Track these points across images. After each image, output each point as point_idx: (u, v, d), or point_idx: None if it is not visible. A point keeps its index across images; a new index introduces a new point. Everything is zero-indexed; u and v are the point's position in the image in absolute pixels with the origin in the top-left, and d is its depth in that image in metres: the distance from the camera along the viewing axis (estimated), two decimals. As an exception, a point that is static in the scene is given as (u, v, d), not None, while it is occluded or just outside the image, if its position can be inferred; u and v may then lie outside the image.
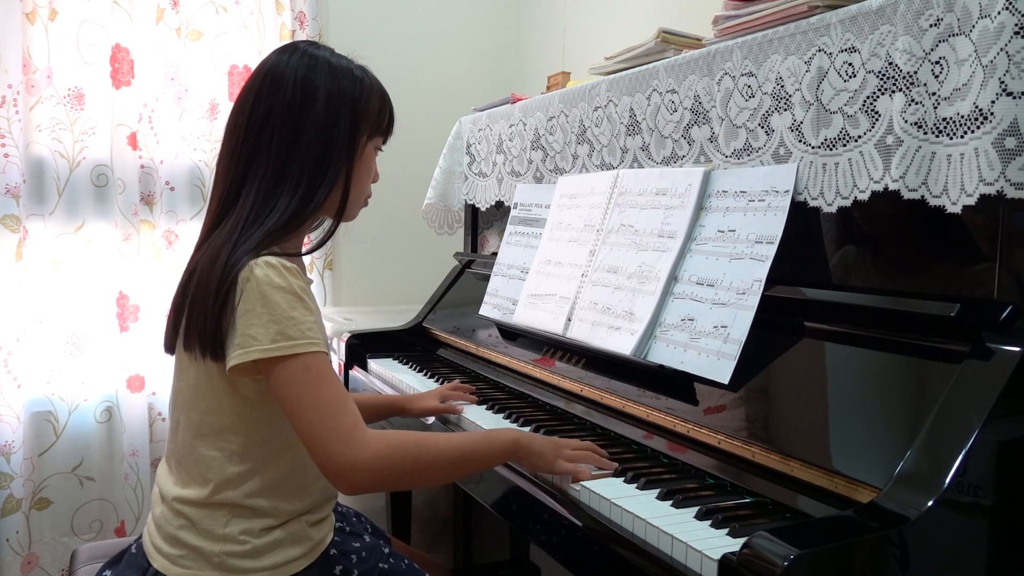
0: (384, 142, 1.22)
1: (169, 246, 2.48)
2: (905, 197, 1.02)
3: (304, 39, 1.20)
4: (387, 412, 1.54)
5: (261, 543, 1.08)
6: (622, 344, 1.33)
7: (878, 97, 1.06)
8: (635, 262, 1.39)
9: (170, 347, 1.15)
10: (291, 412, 1.02)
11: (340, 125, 1.11)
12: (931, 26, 0.98)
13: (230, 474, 1.07)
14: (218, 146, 1.35)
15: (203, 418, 1.09)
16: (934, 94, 0.98)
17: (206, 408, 1.08)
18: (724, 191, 1.28)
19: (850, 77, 1.10)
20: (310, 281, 1.12)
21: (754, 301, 1.15)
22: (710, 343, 1.19)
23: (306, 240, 1.21)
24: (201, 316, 1.04)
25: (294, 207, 1.09)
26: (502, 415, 1.46)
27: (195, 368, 1.08)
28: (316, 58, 1.13)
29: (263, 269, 1.02)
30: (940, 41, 0.97)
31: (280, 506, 1.10)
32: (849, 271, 1.18)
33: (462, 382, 1.71)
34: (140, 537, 1.16)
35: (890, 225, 1.13)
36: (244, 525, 1.07)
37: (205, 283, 1.04)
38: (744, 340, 1.14)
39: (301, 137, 1.09)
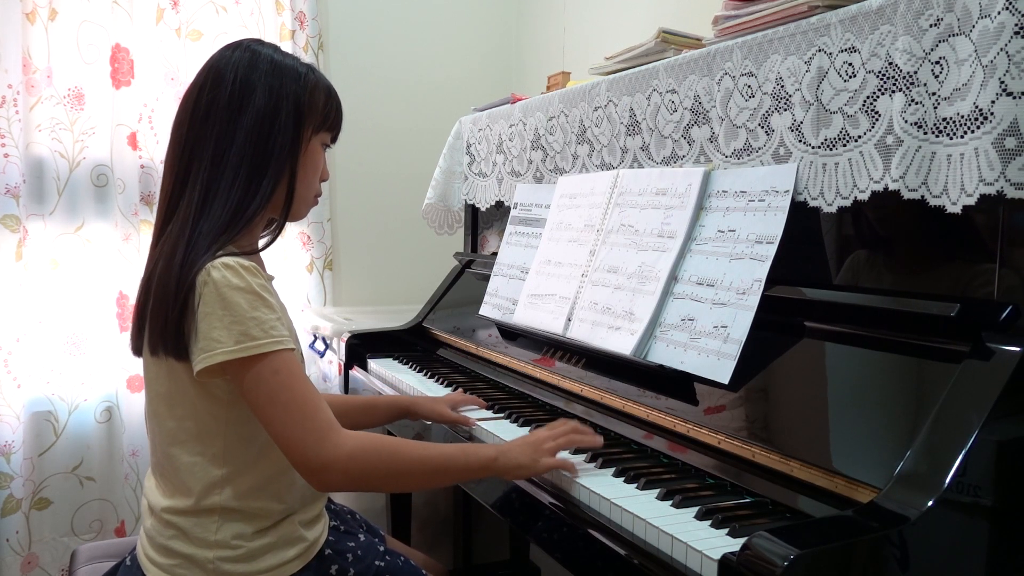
0: (332, 140, 1.20)
1: (169, 246, 2.47)
2: (905, 197, 1.02)
3: (250, 37, 1.20)
4: (394, 414, 1.51)
5: (254, 546, 1.07)
6: (622, 344, 1.33)
7: (878, 97, 1.06)
8: (635, 262, 1.39)
9: (137, 350, 1.13)
10: (263, 414, 1.02)
11: (281, 118, 1.10)
12: (931, 26, 0.98)
13: (214, 478, 1.06)
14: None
15: (179, 425, 1.08)
16: (934, 94, 0.98)
17: (182, 415, 1.07)
18: (724, 191, 1.28)
19: (850, 77, 1.10)
20: (271, 278, 1.12)
21: (754, 301, 1.15)
22: (710, 343, 1.19)
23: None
24: (161, 320, 1.03)
25: (235, 200, 1.07)
26: (502, 415, 1.46)
27: (164, 375, 1.07)
28: (258, 53, 1.12)
29: (220, 271, 1.01)
30: (940, 41, 0.97)
31: (269, 506, 1.09)
32: (849, 271, 1.18)
33: (463, 382, 1.71)
34: (134, 549, 1.15)
35: (890, 225, 1.13)
36: (236, 529, 1.07)
37: (163, 285, 1.03)
38: (744, 340, 1.14)
39: (239, 130, 1.08)
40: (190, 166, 1.09)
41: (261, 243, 1.17)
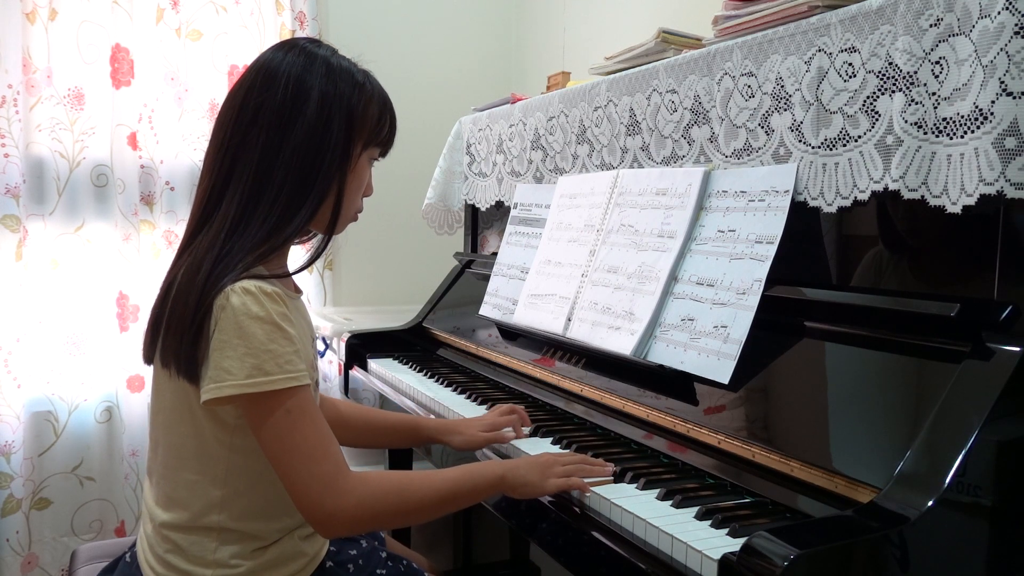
0: (382, 154, 1.14)
1: (169, 246, 2.48)
2: (905, 197, 1.02)
3: (306, 36, 1.14)
4: (419, 439, 1.40)
5: (254, 565, 1.04)
6: (622, 344, 1.33)
7: (878, 97, 1.06)
8: (635, 262, 1.39)
9: (148, 358, 1.09)
10: (271, 454, 0.98)
11: (333, 131, 1.04)
12: (931, 26, 0.98)
13: (213, 498, 1.03)
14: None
15: (183, 442, 1.04)
16: (934, 94, 0.98)
17: (186, 432, 1.04)
18: (724, 191, 1.28)
19: (850, 77, 1.10)
20: (299, 293, 1.06)
21: (754, 301, 1.15)
22: (710, 343, 1.19)
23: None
24: (176, 339, 0.99)
25: (275, 218, 1.02)
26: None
27: (172, 390, 1.03)
28: (314, 56, 1.06)
29: (240, 297, 0.96)
30: (940, 41, 0.97)
31: (268, 526, 1.06)
32: (849, 271, 1.18)
33: (463, 382, 1.71)
34: (134, 546, 1.14)
35: (890, 225, 1.13)
36: (234, 549, 1.04)
37: (183, 301, 0.98)
38: (744, 340, 1.14)
39: (288, 140, 1.02)
40: (231, 173, 1.03)
41: (298, 265, 1.10)
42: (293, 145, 1.03)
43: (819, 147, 1.15)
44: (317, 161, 1.04)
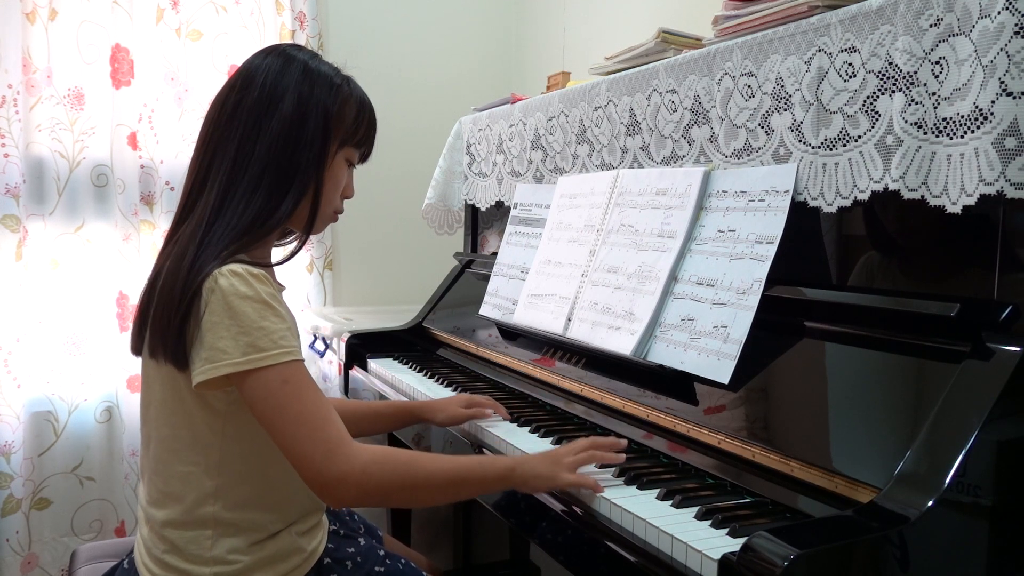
0: (363, 158, 1.17)
1: (169, 246, 2.48)
2: (905, 197, 1.02)
3: (290, 42, 1.17)
4: (405, 420, 1.46)
5: (251, 560, 1.05)
6: (622, 344, 1.33)
7: (878, 97, 1.06)
8: (635, 262, 1.39)
9: (136, 349, 1.11)
10: (272, 426, 0.99)
11: (309, 128, 1.07)
12: (931, 26, 0.98)
13: (208, 488, 1.04)
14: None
15: (175, 433, 1.05)
16: (934, 94, 0.98)
17: (177, 423, 1.05)
18: (724, 191, 1.28)
19: (850, 77, 1.10)
20: (281, 287, 1.08)
21: (754, 301, 1.15)
22: (710, 343, 1.19)
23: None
24: (164, 324, 1.00)
25: (255, 208, 1.04)
26: (510, 420, 1.45)
27: (161, 380, 1.05)
28: (292, 59, 1.10)
29: (228, 279, 0.98)
30: (940, 41, 0.97)
31: (265, 518, 1.06)
32: (849, 271, 1.18)
33: (463, 382, 1.71)
34: (132, 552, 1.14)
35: (890, 225, 1.13)
36: (231, 544, 1.04)
37: (169, 288, 1.00)
38: (744, 340, 1.14)
39: (263, 135, 1.06)
40: (211, 167, 1.07)
41: (278, 258, 1.14)
42: (269, 139, 1.06)
43: (819, 147, 1.15)
44: (295, 157, 1.07)
